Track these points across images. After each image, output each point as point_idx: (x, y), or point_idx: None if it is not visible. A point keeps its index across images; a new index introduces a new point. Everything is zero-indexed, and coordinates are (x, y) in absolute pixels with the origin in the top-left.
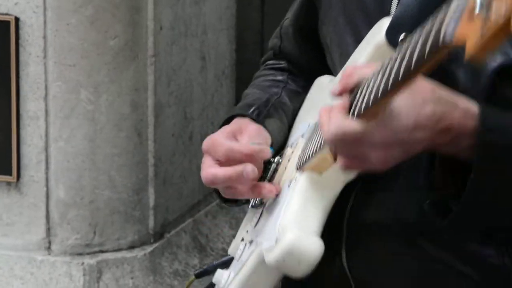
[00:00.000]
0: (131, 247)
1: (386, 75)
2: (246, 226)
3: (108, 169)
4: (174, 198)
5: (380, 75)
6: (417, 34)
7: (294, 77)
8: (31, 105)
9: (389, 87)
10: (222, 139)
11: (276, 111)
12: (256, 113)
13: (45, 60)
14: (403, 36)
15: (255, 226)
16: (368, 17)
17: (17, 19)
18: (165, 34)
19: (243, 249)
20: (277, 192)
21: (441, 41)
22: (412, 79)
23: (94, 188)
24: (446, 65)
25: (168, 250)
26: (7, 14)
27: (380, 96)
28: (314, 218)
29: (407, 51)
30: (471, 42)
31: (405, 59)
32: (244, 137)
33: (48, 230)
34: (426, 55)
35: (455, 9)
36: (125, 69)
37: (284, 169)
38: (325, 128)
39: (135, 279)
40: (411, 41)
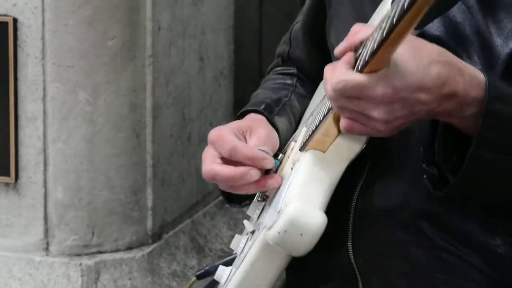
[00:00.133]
0: (129, 248)
1: (382, 28)
2: (247, 221)
3: (106, 170)
4: (173, 199)
5: (378, 29)
6: None
7: (302, 82)
8: (29, 106)
9: (384, 38)
10: (230, 135)
11: (286, 112)
12: (268, 110)
13: (43, 61)
14: None
15: (258, 219)
16: (377, 5)
17: (15, 20)
18: (163, 35)
19: (245, 243)
20: (281, 182)
21: None
22: (403, 28)
23: (92, 189)
24: (460, 50)
25: (166, 251)
26: (5, 15)
27: (376, 48)
28: (318, 194)
29: (399, 3)
30: None
31: (397, 9)
32: (253, 139)
33: (46, 231)
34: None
35: None
36: (123, 70)
37: (288, 158)
38: (329, 81)
39: (133, 280)
40: None
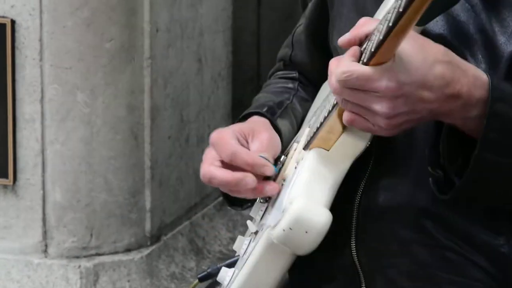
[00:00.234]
0: (127, 250)
1: (388, 19)
2: (250, 222)
3: (104, 172)
4: (171, 201)
5: (384, 21)
6: None
7: (304, 86)
8: (27, 108)
9: (390, 27)
10: (232, 139)
11: (288, 115)
12: (270, 112)
13: (41, 62)
14: None
15: (261, 220)
16: (379, 2)
17: (13, 22)
18: (161, 37)
19: (248, 244)
20: (278, 189)
21: None
22: (410, 17)
23: (91, 191)
24: (464, 49)
25: (165, 252)
26: (3, 17)
27: (383, 38)
28: (322, 191)
29: None
30: None
31: (402, 1)
32: (255, 143)
33: (44, 233)
34: None
35: None
36: (121, 72)
37: (290, 159)
38: (333, 72)
39: (132, 282)
40: None
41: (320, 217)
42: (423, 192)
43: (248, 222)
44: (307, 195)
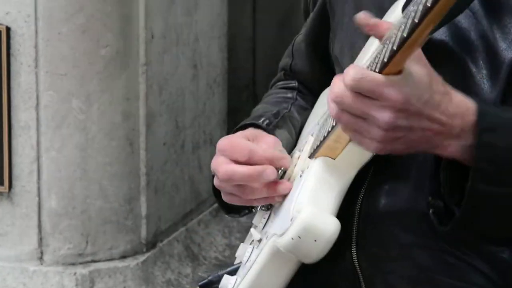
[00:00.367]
0: (123, 256)
1: (402, 29)
2: (254, 229)
3: (99, 178)
4: (166, 207)
5: (396, 31)
6: None
7: (303, 95)
8: (22, 115)
9: (405, 37)
10: (243, 140)
11: (286, 123)
12: (266, 123)
13: (36, 69)
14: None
15: (263, 227)
16: (383, 12)
17: (8, 29)
18: (156, 43)
19: (251, 251)
20: (290, 187)
21: None
22: (426, 26)
23: (86, 197)
24: (465, 55)
25: (160, 259)
26: None
27: (395, 51)
28: (329, 200)
29: (419, 3)
30: None
31: (419, 8)
32: (261, 145)
33: (40, 240)
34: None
35: None
36: (116, 78)
37: (294, 166)
38: (346, 74)
39: None
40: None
41: (329, 225)
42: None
43: (252, 230)
44: (314, 203)
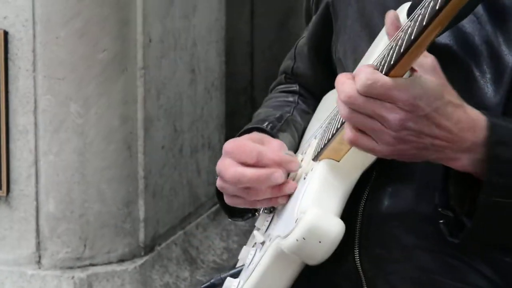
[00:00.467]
0: (121, 260)
1: (409, 32)
2: (257, 232)
3: (97, 182)
4: (164, 211)
5: (403, 33)
6: None
7: (304, 99)
8: (20, 119)
9: (412, 39)
10: (252, 143)
11: (289, 127)
12: (270, 127)
13: (34, 73)
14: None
15: (266, 230)
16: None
17: (6, 33)
18: (154, 47)
19: (254, 254)
20: (296, 186)
21: None
22: (430, 34)
23: (84, 201)
24: (469, 60)
25: (158, 263)
26: None
27: (402, 53)
28: (334, 201)
29: (428, 6)
30: None
31: (428, 10)
32: (270, 146)
33: (38, 244)
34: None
35: None
36: (114, 82)
37: (298, 169)
38: (357, 76)
39: None
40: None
41: (334, 226)
42: (426, 198)
43: (255, 232)
44: (319, 205)
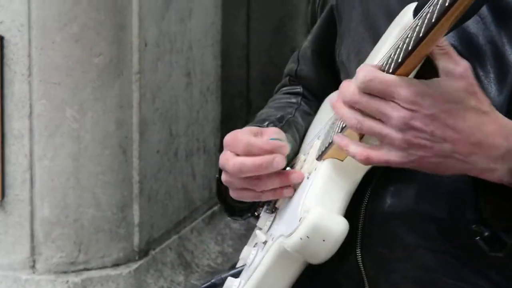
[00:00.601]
0: (116, 264)
1: (417, 30)
2: (259, 232)
3: (92, 187)
4: (159, 215)
5: (409, 32)
6: None
7: (307, 100)
8: (15, 123)
9: (420, 37)
10: (244, 134)
11: (290, 128)
12: (271, 126)
13: (30, 78)
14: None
15: (268, 230)
16: (391, 17)
17: (1, 38)
18: (150, 51)
19: (256, 254)
20: (303, 176)
21: None
22: (437, 33)
23: (79, 206)
24: (474, 60)
25: (153, 267)
26: None
27: (410, 51)
28: (337, 200)
29: (435, 4)
30: None
31: (436, 8)
32: (264, 136)
33: (32, 249)
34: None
35: None
36: (110, 87)
37: (300, 168)
38: (357, 73)
39: None
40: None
41: (338, 225)
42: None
43: (257, 232)
44: (323, 204)
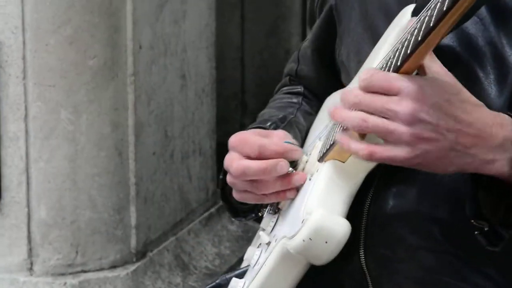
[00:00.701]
0: (113, 266)
1: (413, 35)
2: (262, 233)
3: (89, 189)
4: (156, 217)
5: (408, 35)
6: None
7: (308, 100)
8: (11, 126)
9: (420, 40)
10: (254, 136)
11: (292, 128)
12: (273, 127)
13: (24, 81)
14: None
15: (272, 231)
16: (389, 18)
17: None
18: (144, 53)
19: (260, 254)
20: (305, 177)
21: None
22: (436, 35)
23: (75, 208)
24: (473, 61)
25: (150, 269)
26: None
27: (409, 54)
28: (339, 201)
29: (436, 6)
30: None
31: (435, 11)
32: (274, 138)
33: (30, 251)
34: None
35: None
36: (104, 89)
37: (302, 170)
38: (352, 88)
39: None
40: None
41: (340, 227)
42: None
43: (260, 233)
44: (325, 205)
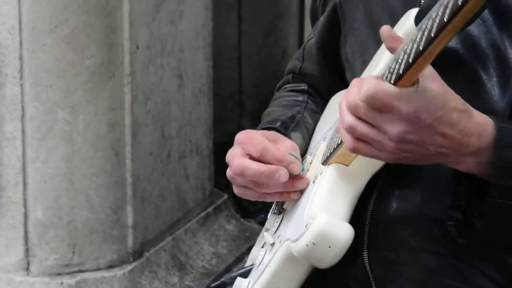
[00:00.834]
0: (110, 266)
1: (418, 42)
2: (266, 233)
3: (86, 189)
4: (153, 217)
5: (410, 43)
6: (437, 6)
7: (313, 98)
8: (8, 126)
9: (421, 50)
10: (261, 137)
11: (300, 128)
12: (283, 127)
13: (21, 81)
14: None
15: (276, 231)
16: (394, 19)
17: None
18: (141, 53)
19: (264, 255)
20: (308, 182)
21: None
22: (438, 44)
23: (72, 208)
24: (476, 63)
25: (147, 268)
26: None
27: (411, 63)
28: (343, 206)
29: (439, 11)
30: None
31: (436, 21)
32: (280, 145)
33: (26, 251)
34: (449, 14)
35: None
36: (101, 89)
37: (306, 172)
38: (356, 89)
39: None
40: (435, 9)
41: (344, 231)
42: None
43: (265, 233)
44: (328, 210)
